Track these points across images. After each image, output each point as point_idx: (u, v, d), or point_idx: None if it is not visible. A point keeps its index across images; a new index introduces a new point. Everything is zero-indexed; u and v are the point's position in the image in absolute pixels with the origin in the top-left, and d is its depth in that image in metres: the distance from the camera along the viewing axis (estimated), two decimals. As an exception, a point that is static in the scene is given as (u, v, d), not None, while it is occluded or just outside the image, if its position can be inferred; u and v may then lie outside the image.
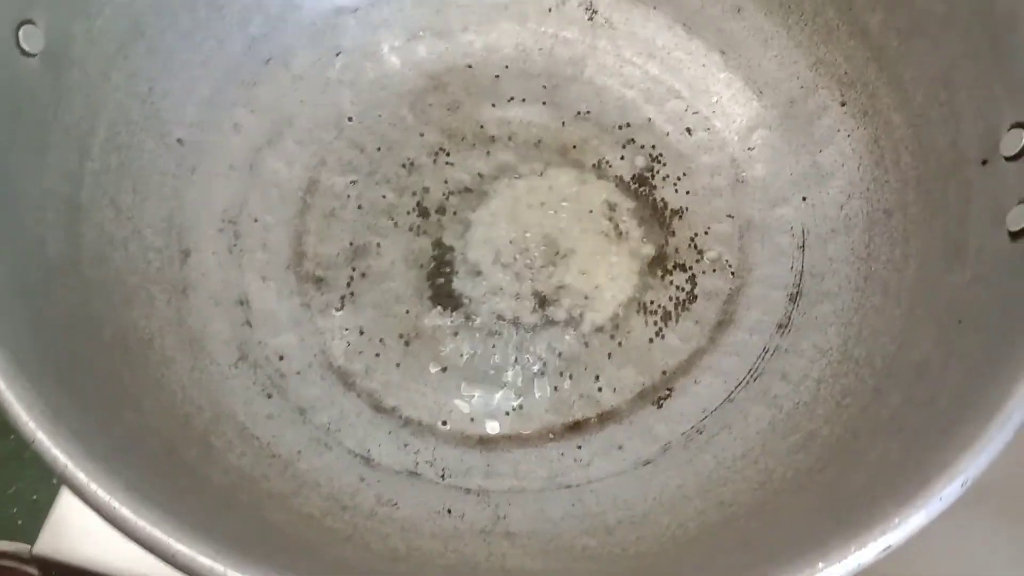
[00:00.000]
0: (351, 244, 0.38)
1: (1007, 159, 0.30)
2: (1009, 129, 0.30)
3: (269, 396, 0.34)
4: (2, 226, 0.28)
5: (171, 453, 0.28)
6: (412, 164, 0.39)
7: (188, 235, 0.36)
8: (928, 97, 0.34)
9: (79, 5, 0.32)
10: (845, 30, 0.37)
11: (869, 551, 0.22)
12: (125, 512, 0.22)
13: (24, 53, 0.30)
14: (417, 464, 0.33)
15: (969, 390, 0.26)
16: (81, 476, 0.22)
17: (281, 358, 0.35)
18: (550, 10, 0.42)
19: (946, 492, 0.22)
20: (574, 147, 0.40)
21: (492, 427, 0.34)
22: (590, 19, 0.42)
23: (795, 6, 0.38)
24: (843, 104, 0.37)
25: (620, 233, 0.38)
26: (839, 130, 0.37)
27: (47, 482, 0.48)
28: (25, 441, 0.23)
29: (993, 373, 0.25)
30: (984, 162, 0.31)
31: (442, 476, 0.33)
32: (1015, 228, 0.28)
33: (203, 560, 0.21)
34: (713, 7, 0.40)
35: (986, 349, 0.26)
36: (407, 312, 0.36)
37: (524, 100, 0.41)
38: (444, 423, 0.34)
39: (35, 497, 0.49)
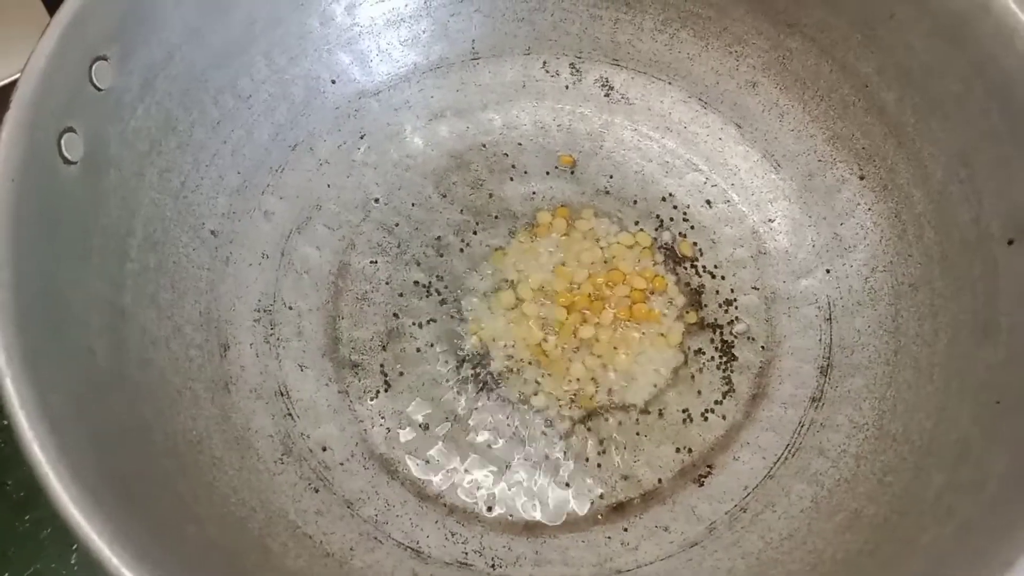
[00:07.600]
0: (385, 327, 0.38)
1: (1035, 241, 0.30)
2: (1035, 211, 0.31)
3: (316, 491, 0.34)
4: (56, 342, 0.28)
5: (232, 563, 0.28)
6: (440, 243, 0.40)
7: (225, 328, 0.36)
8: (948, 174, 0.34)
9: (114, 107, 0.32)
10: (861, 106, 0.38)
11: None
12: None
13: (66, 161, 0.30)
14: (467, 555, 0.33)
15: (1019, 477, 0.26)
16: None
17: (324, 449, 0.35)
18: (567, 87, 0.42)
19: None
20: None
21: (537, 511, 0.34)
22: (606, 95, 0.42)
23: (810, 82, 0.39)
24: (862, 178, 0.38)
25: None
26: (859, 203, 0.38)
27: (66, 562, 0.48)
28: (91, 556, 0.23)
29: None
30: (1011, 242, 0.31)
31: (492, 566, 0.33)
32: (1050, 311, 0.29)
33: None
34: (728, 82, 0.41)
35: (1031, 434, 0.27)
36: (444, 395, 0.37)
37: (546, 175, 0.41)
38: (489, 509, 0.34)
39: (53, 579, 0.48)
